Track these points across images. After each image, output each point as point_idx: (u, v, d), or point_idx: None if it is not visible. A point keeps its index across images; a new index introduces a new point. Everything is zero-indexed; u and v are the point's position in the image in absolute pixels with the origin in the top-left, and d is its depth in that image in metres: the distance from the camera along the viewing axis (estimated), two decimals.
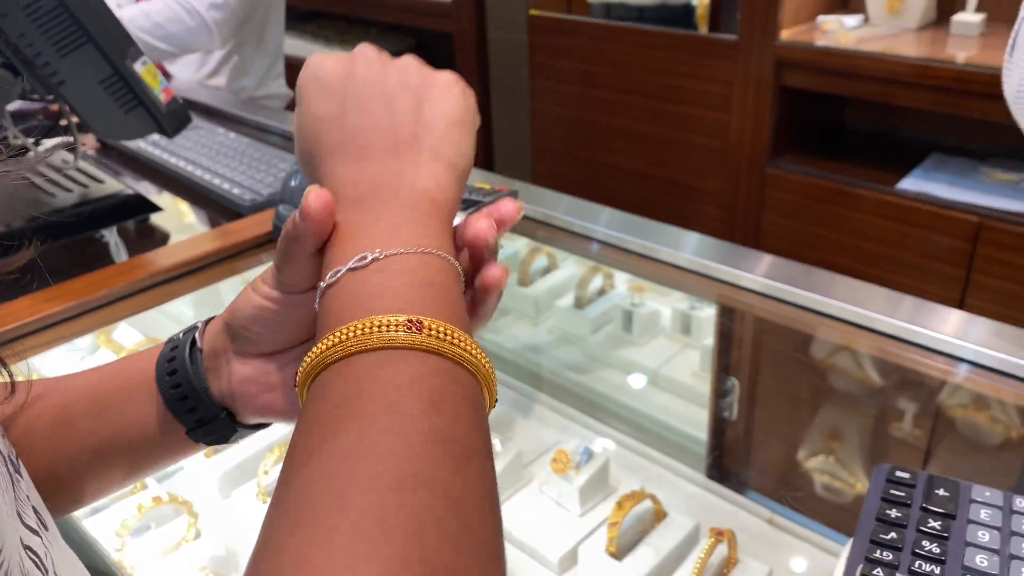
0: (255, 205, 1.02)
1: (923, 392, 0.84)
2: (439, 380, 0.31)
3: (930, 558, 0.44)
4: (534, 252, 1.15)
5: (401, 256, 0.34)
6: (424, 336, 0.31)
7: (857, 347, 0.84)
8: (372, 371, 0.30)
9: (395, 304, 0.32)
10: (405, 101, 0.39)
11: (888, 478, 0.50)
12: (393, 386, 0.30)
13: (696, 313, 1.02)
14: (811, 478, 0.83)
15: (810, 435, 0.88)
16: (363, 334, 0.31)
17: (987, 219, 1.54)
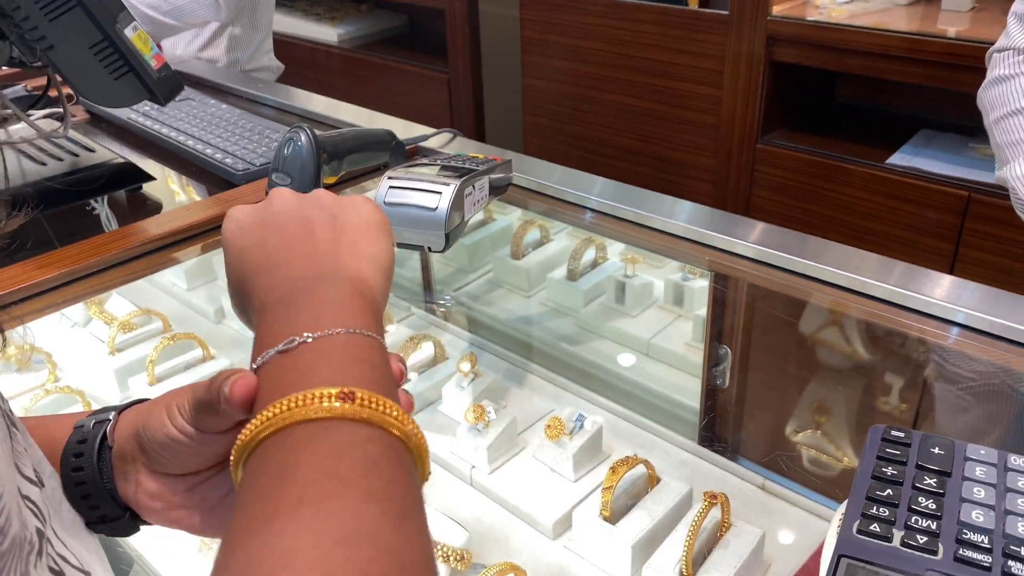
0: (248, 174, 1.01)
1: (915, 356, 0.84)
2: (374, 447, 0.32)
3: (926, 514, 0.45)
4: (526, 225, 1.15)
5: (329, 337, 0.35)
6: (357, 406, 0.32)
7: (849, 312, 0.85)
8: (309, 440, 0.31)
9: (327, 378, 0.33)
10: (320, 217, 0.41)
11: (884, 437, 0.51)
12: (330, 452, 0.31)
13: (689, 284, 1.02)
14: (803, 444, 0.84)
15: (802, 401, 0.89)
16: (298, 406, 0.32)
17: (976, 193, 1.55)
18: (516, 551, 0.73)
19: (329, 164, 0.87)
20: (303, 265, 0.39)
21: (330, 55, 2.78)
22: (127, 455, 0.42)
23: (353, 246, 0.40)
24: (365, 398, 0.32)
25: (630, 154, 2.11)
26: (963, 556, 0.42)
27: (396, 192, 0.77)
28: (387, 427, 0.32)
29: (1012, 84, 0.97)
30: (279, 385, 0.33)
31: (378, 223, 0.43)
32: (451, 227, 0.77)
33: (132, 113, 1.21)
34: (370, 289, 0.39)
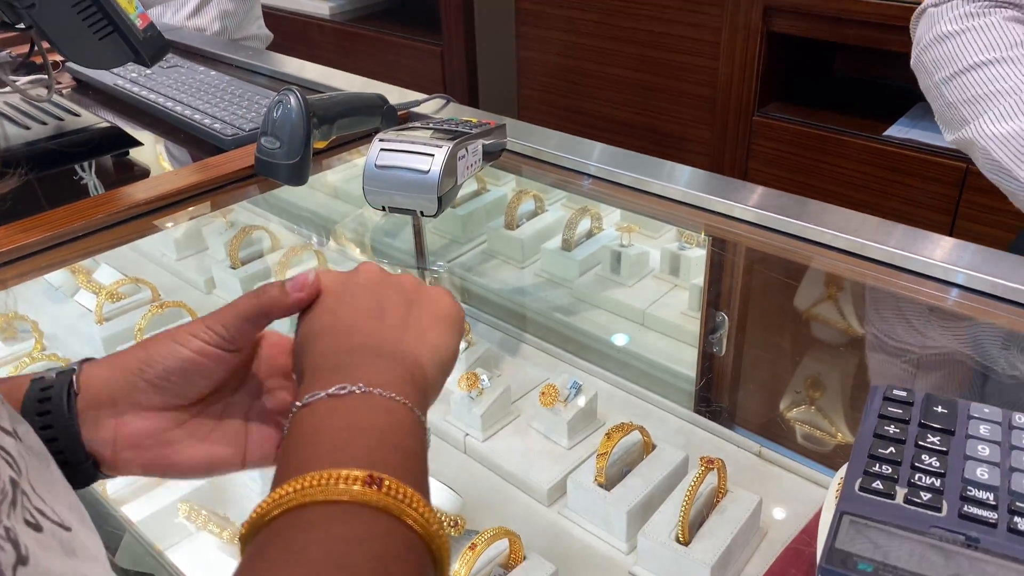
0: (237, 140, 1.00)
1: (916, 319, 0.83)
2: (390, 541, 0.31)
3: (930, 471, 0.44)
4: (521, 195, 1.13)
5: (378, 398, 0.35)
6: (382, 495, 0.31)
7: (849, 276, 0.84)
8: (325, 523, 0.30)
9: (359, 456, 0.32)
10: (396, 299, 0.42)
11: (886, 396, 0.50)
12: (343, 540, 0.30)
13: (685, 253, 1.01)
14: (801, 411, 0.83)
15: (800, 368, 0.88)
16: (320, 485, 0.31)
17: (973, 165, 1.53)
18: (510, 518, 0.73)
19: (319, 128, 0.85)
20: (364, 339, 0.39)
21: (322, 28, 2.74)
22: (103, 401, 0.42)
23: (419, 334, 0.40)
24: (392, 487, 0.31)
25: (626, 127, 2.09)
26: (968, 512, 0.41)
27: (387, 155, 0.75)
28: (410, 523, 0.31)
29: (961, 40, 0.92)
30: (310, 449, 0.33)
31: (451, 318, 0.43)
32: (444, 191, 0.75)
33: (119, 79, 1.18)
34: (423, 377, 0.39)
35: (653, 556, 0.66)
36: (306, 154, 0.83)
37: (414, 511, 0.31)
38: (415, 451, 0.34)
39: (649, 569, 0.67)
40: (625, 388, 0.86)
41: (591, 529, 0.71)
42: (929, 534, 0.40)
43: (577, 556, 0.69)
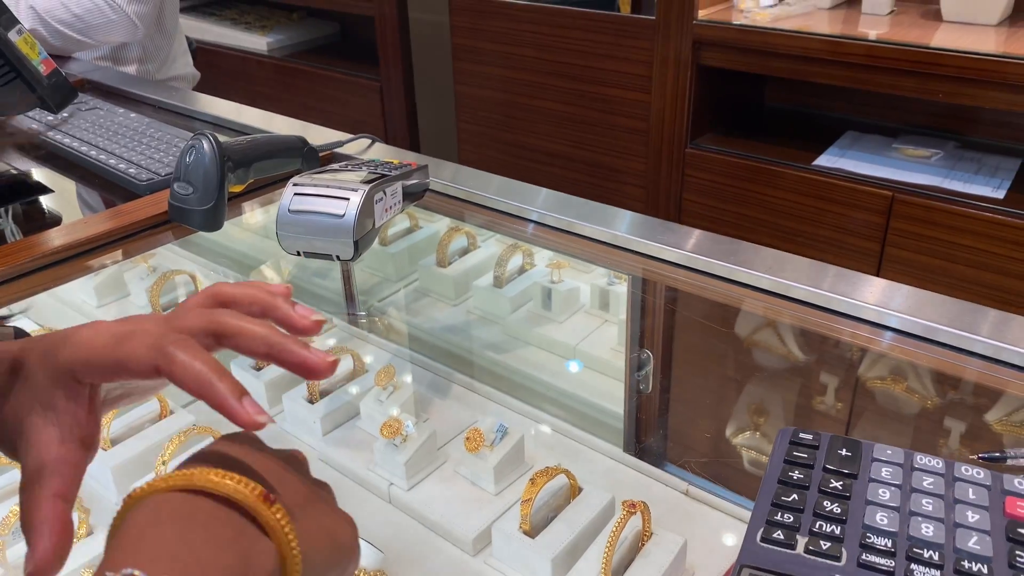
0: (152, 185, 0.97)
1: (844, 361, 0.84)
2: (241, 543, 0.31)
3: (831, 518, 0.43)
4: (452, 232, 1.12)
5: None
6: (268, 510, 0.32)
7: (778, 318, 0.84)
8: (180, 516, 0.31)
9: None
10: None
11: (792, 440, 0.50)
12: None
13: (614, 288, 1.01)
14: (729, 449, 0.83)
15: (728, 406, 0.88)
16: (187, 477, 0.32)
17: (900, 193, 1.58)
18: (435, 570, 0.71)
19: (235, 172, 0.84)
20: None
21: (260, 64, 2.72)
22: None
23: (313, 509, 0.36)
24: (281, 512, 0.32)
25: (563, 160, 2.10)
26: (866, 561, 0.41)
27: (301, 199, 0.74)
28: (285, 557, 0.32)
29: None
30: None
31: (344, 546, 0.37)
32: (360, 234, 0.74)
33: (34, 123, 1.15)
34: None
35: None
36: (220, 199, 0.81)
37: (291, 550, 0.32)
38: None
39: None
40: (555, 427, 0.85)
41: None
42: None
43: None
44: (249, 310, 0.42)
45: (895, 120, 1.87)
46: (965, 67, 1.44)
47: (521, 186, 1.04)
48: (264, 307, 0.43)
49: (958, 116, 1.78)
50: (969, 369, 0.74)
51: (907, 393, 0.80)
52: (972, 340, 0.73)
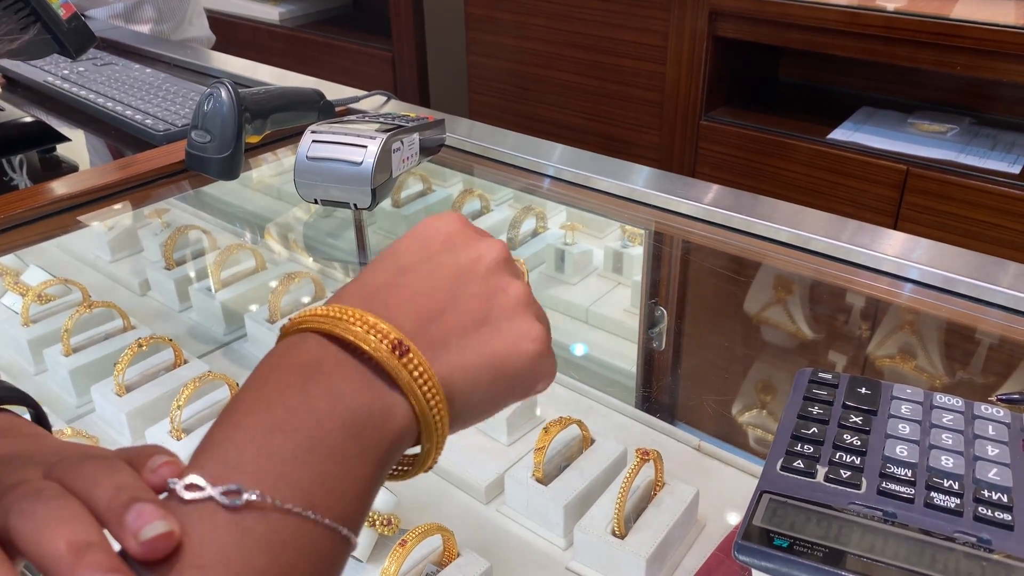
0: (168, 135, 0.97)
1: (862, 313, 0.84)
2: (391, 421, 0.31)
3: (850, 449, 0.43)
4: (466, 195, 1.12)
5: (278, 515, 0.27)
6: (401, 365, 0.31)
7: (795, 270, 0.84)
8: (335, 371, 0.31)
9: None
10: (473, 306, 0.34)
11: (811, 379, 0.50)
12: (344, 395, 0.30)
13: (628, 251, 1.01)
14: (742, 404, 0.83)
15: (744, 361, 0.88)
16: (349, 319, 0.31)
17: (914, 167, 1.57)
18: (447, 516, 0.71)
19: (252, 122, 0.84)
20: (402, 305, 0.33)
21: (272, 34, 2.71)
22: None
23: (477, 338, 0.33)
24: (415, 363, 0.31)
25: (576, 132, 2.09)
26: (886, 489, 0.41)
27: (319, 147, 0.74)
28: (412, 401, 0.30)
29: None
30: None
31: (525, 369, 0.35)
32: (378, 183, 0.74)
33: (50, 76, 1.15)
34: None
35: (589, 550, 0.65)
36: (238, 148, 0.81)
37: (418, 387, 0.30)
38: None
39: (585, 563, 0.66)
40: (567, 384, 0.85)
41: (528, 525, 0.70)
42: (847, 510, 0.39)
43: (514, 553, 0.68)
44: None
45: (910, 96, 1.85)
46: (984, 39, 1.43)
47: (535, 142, 1.04)
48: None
49: (973, 92, 1.77)
50: (988, 320, 0.74)
51: (925, 342, 0.80)
52: (991, 291, 0.72)
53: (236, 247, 1.00)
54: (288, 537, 0.26)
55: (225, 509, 0.26)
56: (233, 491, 0.26)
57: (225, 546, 0.25)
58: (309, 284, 0.94)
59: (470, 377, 0.32)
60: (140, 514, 0.25)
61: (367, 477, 0.29)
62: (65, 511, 0.25)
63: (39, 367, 0.89)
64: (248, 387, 0.30)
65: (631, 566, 0.63)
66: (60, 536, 0.24)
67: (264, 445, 0.27)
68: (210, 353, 0.91)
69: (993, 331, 0.74)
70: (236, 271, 0.98)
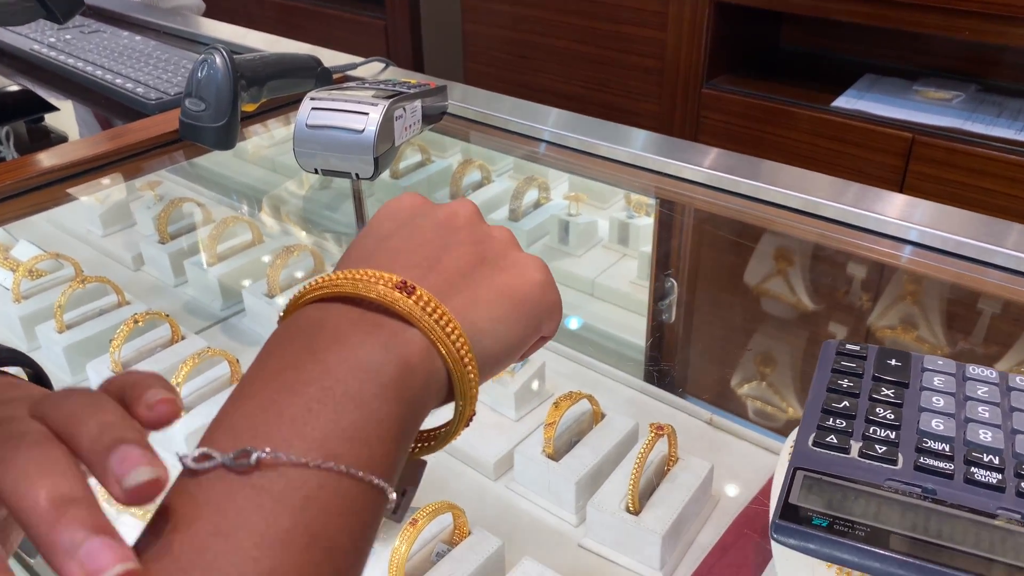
0: (161, 104, 0.94)
1: (873, 280, 0.82)
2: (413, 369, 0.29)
3: (884, 424, 0.42)
4: (466, 165, 1.10)
5: (294, 470, 0.25)
6: (413, 302, 0.29)
7: (802, 236, 0.82)
8: (351, 331, 0.29)
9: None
10: (465, 251, 0.33)
11: (838, 351, 0.48)
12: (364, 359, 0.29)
13: (634, 222, 0.99)
14: (753, 378, 0.81)
15: (753, 333, 0.87)
16: (353, 279, 0.30)
17: (920, 135, 1.54)
18: (456, 493, 0.69)
19: (248, 90, 0.81)
20: (410, 261, 0.32)
21: (262, 2, 2.66)
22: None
23: (475, 296, 0.31)
24: (424, 298, 0.29)
25: (574, 101, 2.06)
26: (923, 464, 0.39)
27: (319, 114, 0.71)
28: (435, 341, 0.29)
29: None
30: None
31: (535, 296, 0.33)
32: (380, 151, 0.71)
33: (36, 44, 1.12)
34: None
35: (603, 527, 0.63)
36: (233, 117, 0.79)
37: (442, 330, 0.29)
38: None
39: (599, 540, 0.64)
40: (574, 359, 0.84)
41: (539, 502, 0.68)
42: (885, 487, 0.38)
43: (525, 530, 0.66)
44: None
45: (914, 63, 1.83)
46: (992, 2, 1.40)
47: (534, 107, 1.01)
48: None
49: (979, 59, 1.74)
50: (1004, 285, 0.72)
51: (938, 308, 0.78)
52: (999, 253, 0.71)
53: (232, 220, 0.97)
54: (311, 492, 0.24)
55: (238, 473, 0.24)
56: (243, 453, 0.24)
57: (243, 509, 0.24)
58: (307, 257, 0.92)
59: (485, 310, 0.31)
60: (125, 459, 0.23)
61: (392, 418, 0.27)
62: (47, 460, 0.23)
63: (32, 344, 0.86)
64: (252, 367, 0.28)
65: (646, 543, 0.62)
66: (41, 488, 0.22)
67: (272, 407, 0.26)
68: (208, 329, 0.89)
69: (1006, 294, 0.73)
70: (232, 244, 0.96)
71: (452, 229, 0.33)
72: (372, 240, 0.33)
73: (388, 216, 0.35)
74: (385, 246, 0.32)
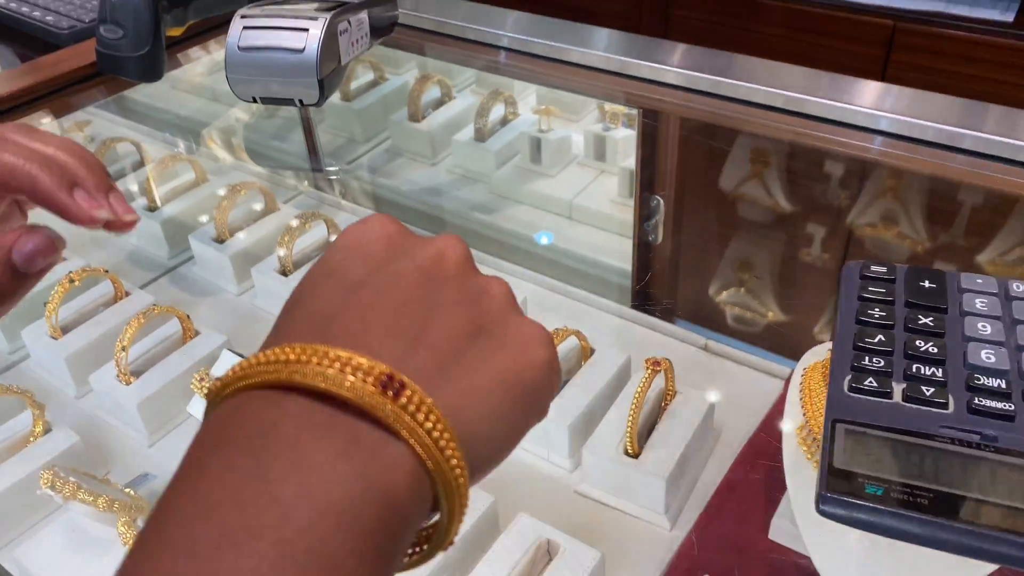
0: (75, 33, 0.84)
1: (859, 179, 0.76)
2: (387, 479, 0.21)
3: (928, 359, 0.36)
4: (424, 81, 1.01)
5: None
6: (396, 406, 0.21)
7: (789, 138, 0.76)
8: (302, 432, 0.20)
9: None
10: (455, 307, 0.25)
11: (863, 275, 0.42)
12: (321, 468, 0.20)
13: (610, 135, 0.92)
14: (748, 297, 0.76)
15: (744, 249, 0.81)
16: (300, 361, 0.21)
17: (901, 22, 1.47)
18: None
19: (170, 12, 0.71)
20: (377, 338, 0.23)
21: None
22: None
23: (472, 381, 0.24)
24: (415, 401, 0.21)
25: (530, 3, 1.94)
26: (979, 406, 0.34)
27: (252, 34, 0.62)
28: (425, 459, 0.21)
29: None
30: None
31: (536, 377, 0.25)
32: (325, 73, 0.63)
33: None
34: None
35: (600, 472, 0.59)
36: (157, 44, 0.69)
37: (424, 433, 0.21)
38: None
39: (596, 486, 0.60)
40: (556, 289, 0.78)
41: (531, 448, 0.63)
42: (938, 436, 0.32)
43: (517, 479, 0.61)
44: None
45: None
46: None
47: (491, 11, 0.92)
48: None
49: None
50: (1005, 178, 0.67)
51: (940, 208, 0.73)
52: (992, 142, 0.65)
53: (171, 159, 0.88)
54: None
55: None
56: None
57: None
58: (257, 195, 0.84)
59: (483, 406, 0.23)
60: None
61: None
62: None
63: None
64: (178, 483, 0.20)
65: (649, 487, 0.57)
66: None
67: (209, 570, 0.18)
68: (154, 281, 0.81)
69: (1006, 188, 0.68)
70: (174, 186, 0.88)
71: (440, 281, 0.25)
72: (336, 288, 0.25)
73: (355, 251, 0.26)
74: (354, 300, 0.24)
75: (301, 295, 0.25)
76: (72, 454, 0.60)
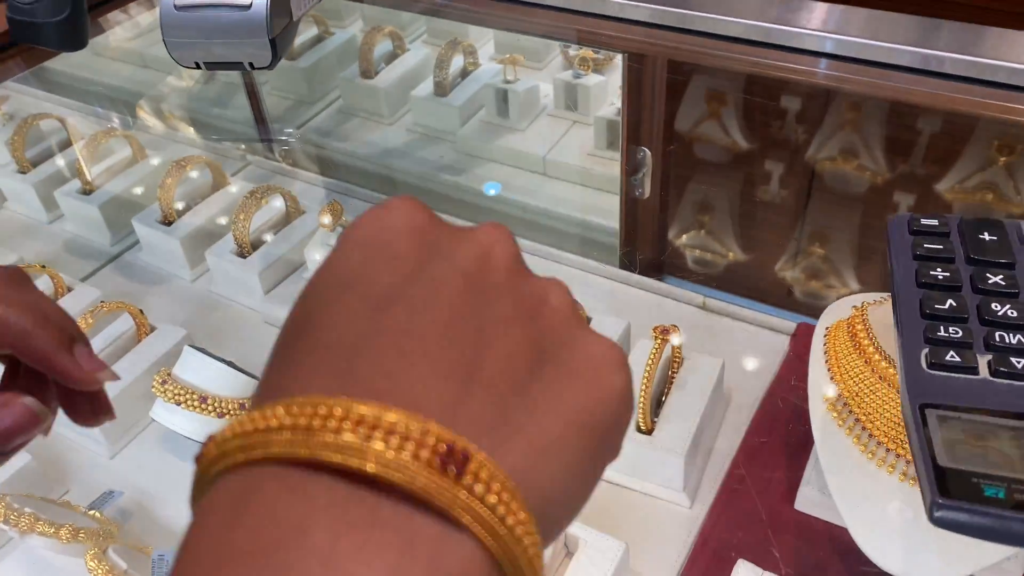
0: None
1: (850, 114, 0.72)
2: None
3: (1010, 324, 0.32)
4: (374, 33, 0.94)
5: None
6: (451, 483, 0.15)
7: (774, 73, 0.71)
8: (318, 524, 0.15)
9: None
10: (516, 337, 0.19)
11: (913, 229, 0.38)
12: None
13: (582, 82, 0.86)
14: (745, 249, 0.72)
15: (737, 197, 0.77)
16: (321, 427, 0.15)
17: None
18: None
19: None
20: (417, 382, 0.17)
21: None
22: None
23: (543, 389, 0.18)
24: (483, 477, 0.15)
25: None
26: None
27: None
28: (494, 552, 0.15)
29: None
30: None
31: (611, 405, 0.19)
32: (276, 31, 0.56)
33: None
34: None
35: None
36: (78, 7, 0.61)
37: (497, 518, 0.16)
38: None
39: (610, 467, 0.55)
40: (539, 252, 0.73)
41: None
42: None
43: None
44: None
45: None
46: None
47: None
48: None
49: None
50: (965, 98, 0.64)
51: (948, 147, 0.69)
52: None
53: (104, 135, 0.80)
54: None
55: None
56: None
57: None
58: (204, 169, 0.77)
59: (556, 461, 0.18)
60: None
61: None
62: None
63: None
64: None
65: (665, 465, 0.53)
66: None
67: None
68: (98, 272, 0.74)
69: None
70: (110, 164, 0.80)
71: (489, 290, 0.19)
72: (359, 305, 0.18)
73: (377, 251, 0.19)
74: (387, 323, 0.18)
75: (310, 313, 0.19)
76: (25, 476, 0.54)
